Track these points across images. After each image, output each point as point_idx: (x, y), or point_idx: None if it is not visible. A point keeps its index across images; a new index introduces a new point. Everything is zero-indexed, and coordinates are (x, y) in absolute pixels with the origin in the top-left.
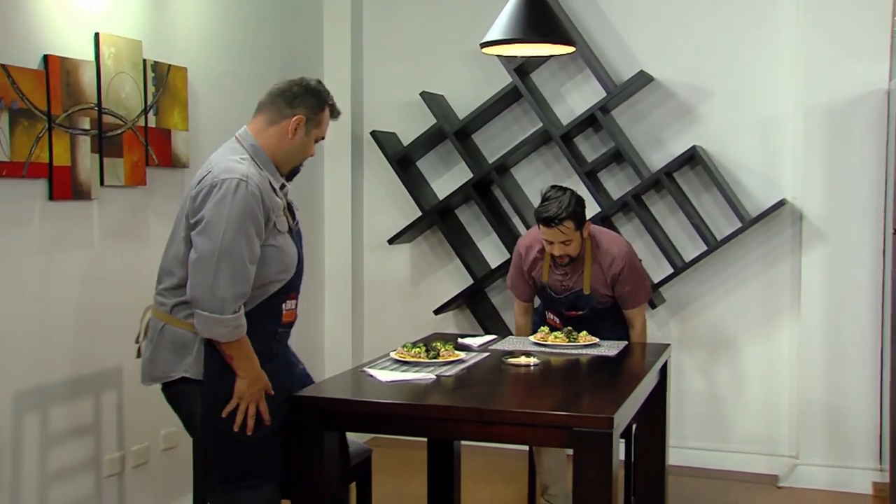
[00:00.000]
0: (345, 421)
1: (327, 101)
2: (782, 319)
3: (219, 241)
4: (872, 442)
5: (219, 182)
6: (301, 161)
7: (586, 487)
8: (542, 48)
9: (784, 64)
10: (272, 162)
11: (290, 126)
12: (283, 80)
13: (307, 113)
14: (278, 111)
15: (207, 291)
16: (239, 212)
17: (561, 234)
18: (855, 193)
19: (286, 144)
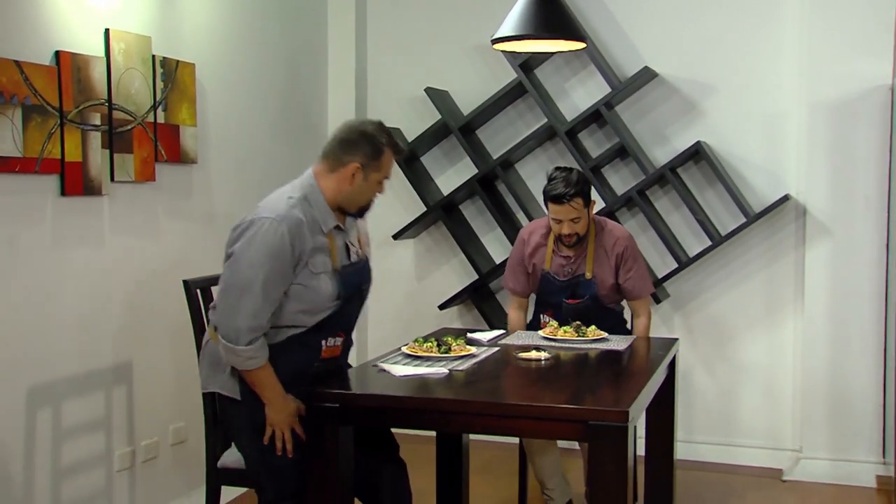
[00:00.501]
0: (360, 415)
1: (384, 146)
2: (786, 314)
3: (242, 276)
4: (876, 435)
5: (256, 220)
6: (367, 203)
7: (602, 481)
8: (553, 44)
9: (788, 60)
10: (331, 204)
11: (347, 173)
12: (345, 124)
13: (363, 160)
14: (337, 159)
15: (226, 321)
16: (265, 251)
17: (571, 211)
18: (859, 189)
19: (346, 190)
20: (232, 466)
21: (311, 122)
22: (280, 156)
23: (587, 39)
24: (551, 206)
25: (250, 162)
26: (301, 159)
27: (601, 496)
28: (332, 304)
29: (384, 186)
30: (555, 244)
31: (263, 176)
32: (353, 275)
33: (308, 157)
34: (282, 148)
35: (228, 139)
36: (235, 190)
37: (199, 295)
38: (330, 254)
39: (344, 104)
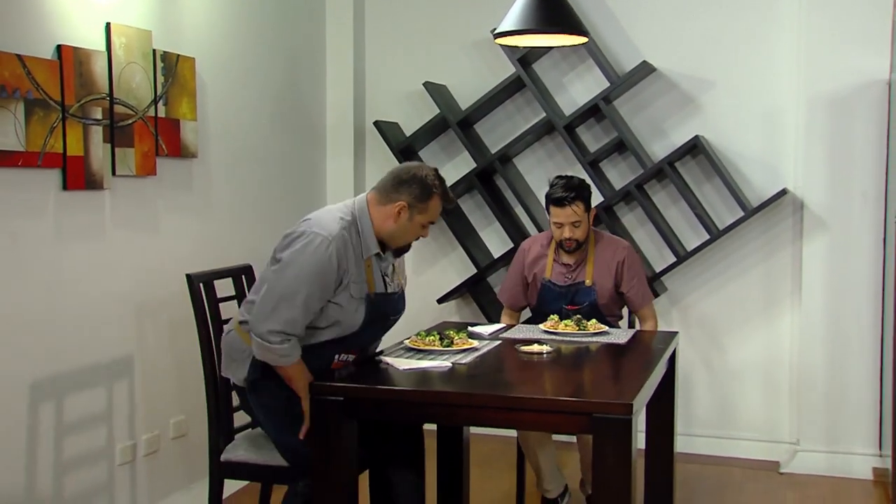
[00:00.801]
0: (365, 408)
1: (434, 191)
2: (783, 308)
3: (286, 284)
4: (872, 428)
5: (308, 233)
6: (409, 242)
7: (606, 473)
8: (555, 39)
9: (786, 54)
10: (377, 234)
11: (394, 210)
12: (403, 164)
13: (410, 200)
14: (387, 194)
15: (262, 321)
16: (313, 267)
17: (572, 215)
18: (856, 183)
19: (390, 226)
20: (235, 460)
21: (310, 117)
22: (279, 150)
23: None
24: (553, 210)
25: (249, 156)
26: (299, 153)
27: (604, 488)
28: (358, 324)
29: (427, 231)
30: (555, 253)
31: (262, 170)
32: (384, 304)
33: (306, 151)
34: (280, 142)
35: (228, 133)
36: (235, 184)
37: (202, 289)
38: (367, 280)
39: (342, 98)
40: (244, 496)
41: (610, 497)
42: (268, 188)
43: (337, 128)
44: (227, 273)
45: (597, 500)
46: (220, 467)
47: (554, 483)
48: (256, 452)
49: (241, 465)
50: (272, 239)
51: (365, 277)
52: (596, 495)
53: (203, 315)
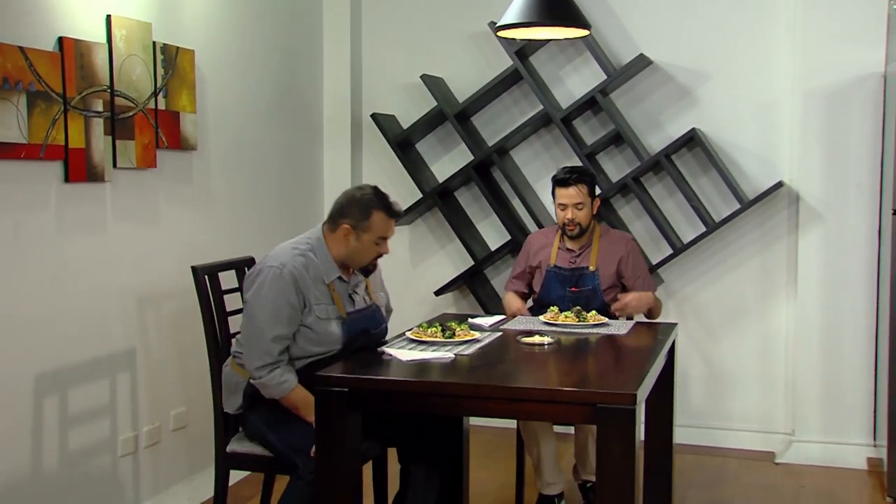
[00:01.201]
0: (370, 399)
1: (371, 208)
2: (778, 299)
3: (255, 321)
4: (867, 418)
5: (262, 269)
6: (367, 262)
7: (610, 462)
8: (557, 31)
9: (782, 47)
10: (336, 260)
11: (341, 234)
12: (346, 190)
13: (352, 222)
14: (333, 220)
15: (248, 361)
16: (270, 298)
17: (576, 195)
18: (851, 175)
19: (343, 249)
20: (241, 451)
21: (307, 109)
22: (276, 142)
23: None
24: (558, 192)
25: (248, 148)
26: (297, 146)
27: (609, 478)
28: (339, 345)
29: (386, 247)
30: (561, 241)
31: (260, 162)
32: (360, 320)
33: (304, 143)
34: (278, 135)
35: (227, 126)
36: (234, 176)
37: (206, 281)
38: (334, 302)
39: (339, 91)
40: (245, 486)
41: (614, 486)
42: (266, 180)
43: (334, 120)
44: (230, 265)
45: (601, 490)
46: (226, 458)
47: (553, 478)
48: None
49: (247, 455)
50: (271, 231)
51: (331, 299)
52: (600, 485)
53: (209, 307)
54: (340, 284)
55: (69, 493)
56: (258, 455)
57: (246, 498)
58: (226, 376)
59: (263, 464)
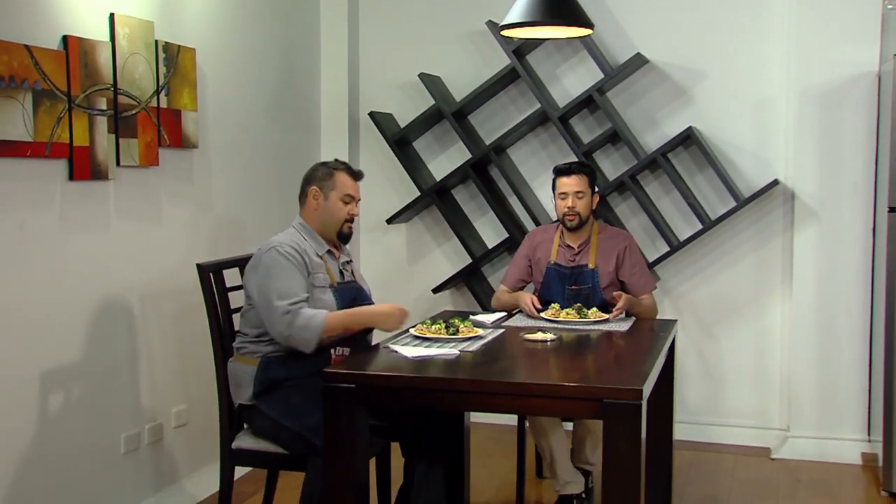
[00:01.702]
0: (376, 396)
1: (334, 168)
2: (774, 297)
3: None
4: (861, 414)
5: (260, 251)
6: (340, 223)
7: (616, 457)
8: (561, 31)
9: (777, 46)
10: (317, 232)
11: (311, 200)
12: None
13: (318, 184)
14: (302, 193)
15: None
16: (275, 264)
17: (576, 184)
18: (846, 174)
19: (316, 214)
20: (245, 448)
21: (306, 108)
22: (275, 141)
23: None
24: (559, 181)
25: (247, 146)
26: (295, 144)
27: (615, 472)
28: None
29: (355, 208)
30: (561, 238)
31: (260, 160)
32: (348, 291)
33: (301, 142)
34: (277, 133)
35: (227, 124)
36: (234, 174)
37: (211, 278)
38: (327, 272)
39: (337, 89)
40: (246, 483)
41: (621, 481)
42: (265, 179)
43: (332, 118)
44: (235, 263)
45: (608, 484)
46: (232, 455)
47: (570, 476)
48: (267, 440)
49: (252, 452)
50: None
51: (325, 270)
52: (606, 479)
53: (213, 304)
54: (331, 260)
55: (73, 490)
56: (263, 451)
57: (247, 494)
58: (232, 371)
59: (268, 460)
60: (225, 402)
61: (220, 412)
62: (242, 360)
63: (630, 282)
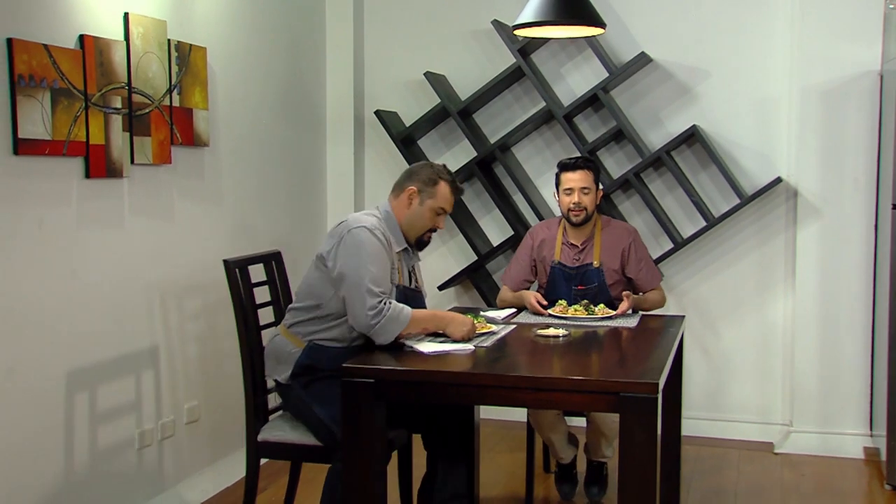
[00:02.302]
0: (396, 390)
1: (440, 177)
2: (777, 293)
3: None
4: (864, 409)
5: (351, 229)
6: (423, 231)
7: (633, 449)
8: (574, 30)
9: (779, 45)
10: (399, 228)
11: (406, 196)
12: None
13: (419, 185)
14: (400, 185)
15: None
16: (367, 252)
17: (583, 179)
18: (848, 171)
19: (406, 213)
20: (271, 440)
21: (312, 106)
22: (282, 139)
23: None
24: (564, 176)
25: (255, 144)
26: (301, 142)
27: (632, 463)
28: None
29: (442, 222)
30: (563, 235)
31: (267, 158)
32: (409, 298)
33: (307, 140)
34: (284, 131)
35: (237, 122)
36: (242, 172)
37: (237, 274)
38: (398, 271)
39: (342, 88)
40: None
41: (637, 473)
42: (272, 176)
43: (337, 116)
44: (259, 259)
45: (625, 476)
46: (258, 447)
47: (566, 452)
48: (292, 432)
49: (276, 444)
50: (277, 226)
51: (396, 268)
52: (623, 471)
53: (240, 299)
54: (405, 257)
55: (89, 485)
56: (288, 443)
57: (260, 490)
58: (276, 345)
59: (292, 452)
60: (250, 395)
61: (247, 403)
62: (290, 338)
63: (637, 277)
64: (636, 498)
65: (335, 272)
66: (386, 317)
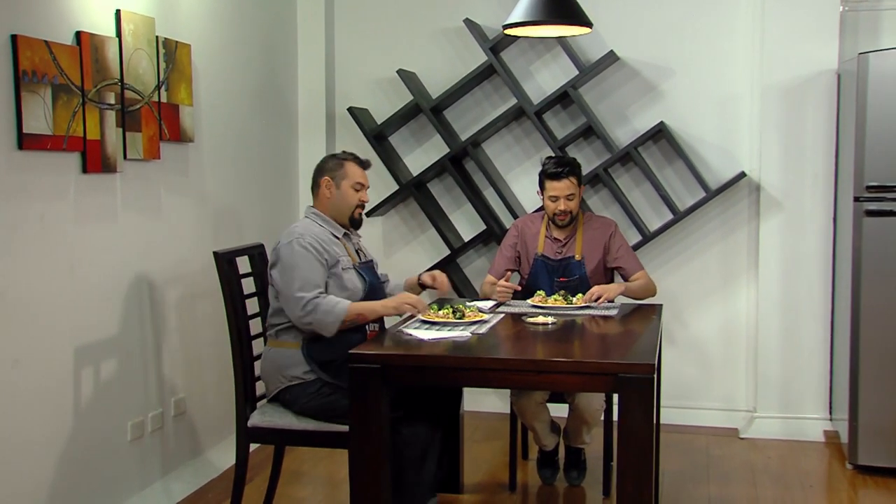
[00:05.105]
0: (401, 375)
1: (344, 160)
2: (740, 283)
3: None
4: (823, 394)
5: (280, 245)
6: (352, 209)
7: (632, 426)
8: (562, 29)
9: (742, 45)
10: (331, 219)
11: (324, 189)
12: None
13: (329, 174)
14: (315, 184)
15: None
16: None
17: (568, 187)
18: (808, 166)
19: (329, 202)
20: (261, 425)
21: (285, 103)
22: (258, 135)
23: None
24: (549, 184)
25: (233, 141)
26: (276, 138)
27: (630, 440)
28: (361, 291)
29: (364, 195)
30: (547, 230)
31: (245, 154)
32: (368, 271)
33: (280, 136)
34: (259, 128)
35: (217, 119)
36: (222, 168)
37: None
38: (347, 254)
39: (314, 85)
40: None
41: (635, 449)
42: (250, 172)
43: (309, 114)
44: (244, 251)
45: (624, 452)
46: (248, 433)
47: (549, 439)
48: (281, 418)
49: (266, 429)
50: (258, 220)
51: (346, 252)
52: (623, 448)
53: (230, 289)
54: (348, 241)
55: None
56: (277, 428)
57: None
58: (275, 356)
59: (283, 437)
60: (241, 381)
61: (237, 389)
62: (284, 345)
63: (620, 264)
64: (634, 475)
65: (275, 288)
66: (318, 313)
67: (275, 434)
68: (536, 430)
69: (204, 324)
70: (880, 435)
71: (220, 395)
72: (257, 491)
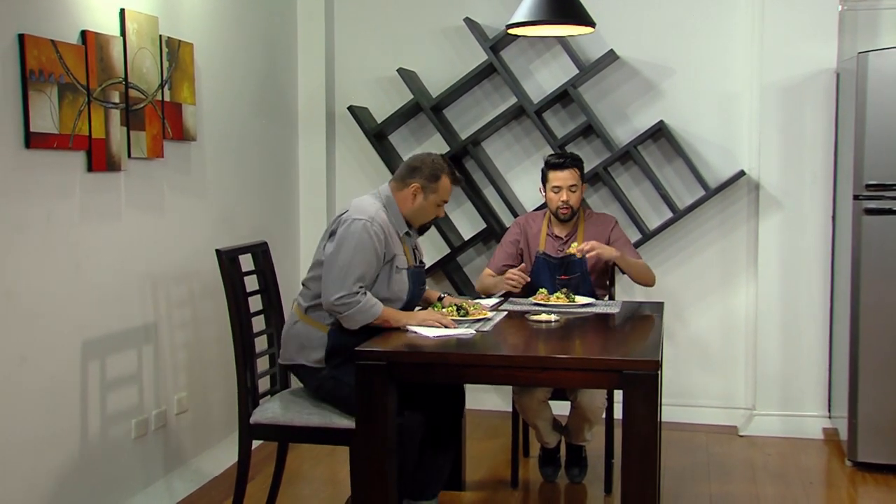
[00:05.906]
0: (407, 372)
1: (442, 173)
2: (739, 282)
3: (342, 257)
4: (822, 392)
5: (351, 220)
6: (427, 220)
7: (636, 421)
8: (566, 29)
9: (741, 44)
10: (402, 217)
11: (410, 192)
12: (414, 154)
13: (422, 182)
14: (403, 180)
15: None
16: (360, 241)
17: (570, 178)
18: (807, 165)
19: (410, 206)
20: (263, 422)
21: (285, 102)
22: (258, 134)
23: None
24: (552, 175)
25: (235, 139)
26: (276, 137)
27: (634, 436)
28: (405, 295)
29: (443, 211)
30: (548, 228)
31: (246, 153)
32: (418, 275)
33: (281, 134)
34: (260, 127)
35: (219, 118)
36: (224, 166)
37: (236, 263)
38: (405, 254)
39: (314, 84)
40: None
41: (640, 446)
42: (252, 170)
43: (309, 113)
44: (247, 249)
45: (629, 448)
46: (251, 429)
47: (551, 437)
48: (283, 414)
49: (270, 426)
50: (259, 218)
51: (403, 251)
52: (627, 443)
53: (233, 287)
54: (408, 239)
55: (86, 473)
56: (280, 424)
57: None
58: (299, 331)
59: (285, 433)
60: (243, 378)
61: (239, 386)
62: (313, 324)
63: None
64: (638, 472)
65: (325, 254)
66: (354, 308)
67: (278, 430)
68: (538, 427)
69: (207, 321)
70: (879, 432)
71: (223, 393)
72: (260, 489)
